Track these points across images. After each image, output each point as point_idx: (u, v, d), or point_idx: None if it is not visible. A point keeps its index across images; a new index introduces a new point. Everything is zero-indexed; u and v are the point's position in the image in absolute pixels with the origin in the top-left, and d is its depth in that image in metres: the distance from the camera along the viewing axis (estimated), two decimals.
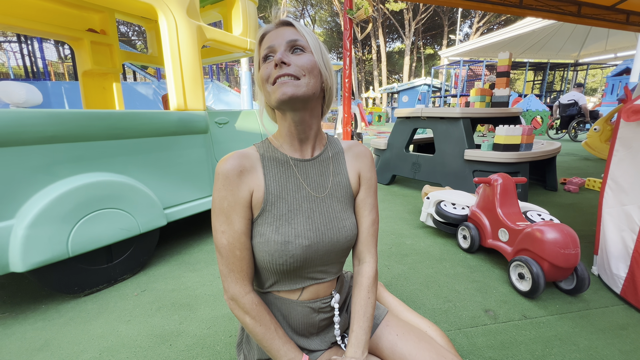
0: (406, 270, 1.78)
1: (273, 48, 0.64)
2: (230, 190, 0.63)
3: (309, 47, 0.65)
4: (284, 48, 0.63)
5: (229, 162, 0.64)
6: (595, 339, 1.22)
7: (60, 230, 1.40)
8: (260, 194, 0.67)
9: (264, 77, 0.65)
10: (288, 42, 0.63)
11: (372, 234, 0.76)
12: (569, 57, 13.57)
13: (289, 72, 0.61)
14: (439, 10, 24.35)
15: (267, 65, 0.65)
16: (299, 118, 0.67)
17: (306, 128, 0.70)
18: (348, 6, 4.01)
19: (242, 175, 0.65)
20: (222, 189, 0.64)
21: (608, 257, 1.55)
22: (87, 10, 2.29)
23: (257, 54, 0.67)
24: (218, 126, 2.26)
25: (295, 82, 0.61)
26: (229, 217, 0.63)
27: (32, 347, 1.22)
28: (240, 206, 0.64)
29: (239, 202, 0.64)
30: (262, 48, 0.66)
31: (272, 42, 0.64)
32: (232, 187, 0.64)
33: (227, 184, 0.63)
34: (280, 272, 0.68)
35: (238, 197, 0.64)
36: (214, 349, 1.19)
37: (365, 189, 0.77)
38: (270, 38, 0.65)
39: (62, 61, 14.59)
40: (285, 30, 0.65)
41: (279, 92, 0.61)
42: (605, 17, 4.23)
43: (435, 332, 0.88)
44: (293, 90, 0.61)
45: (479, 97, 3.41)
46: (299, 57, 0.63)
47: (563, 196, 3.25)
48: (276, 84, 0.62)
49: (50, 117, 1.37)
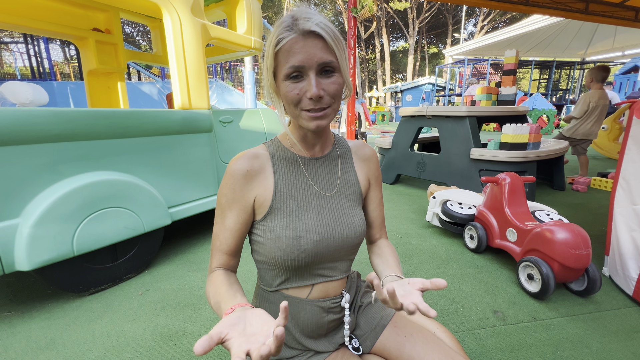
0: (412, 270, 1.76)
1: (302, 69, 0.56)
2: (232, 189, 0.65)
3: (339, 65, 0.59)
4: (315, 72, 0.56)
5: (238, 163, 0.66)
6: (608, 342, 1.19)
7: (65, 229, 1.40)
8: (267, 194, 0.67)
9: (292, 100, 0.59)
10: (320, 64, 0.57)
11: (382, 220, 0.84)
12: (575, 55, 13.39)
13: (323, 105, 0.59)
14: (443, 8, 24.20)
15: (294, 86, 0.58)
16: (319, 132, 0.69)
17: (322, 135, 0.72)
18: (352, 4, 3.99)
19: (247, 178, 0.66)
20: (226, 186, 0.66)
21: (620, 258, 1.51)
22: (92, 9, 2.29)
23: (273, 63, 0.59)
24: (222, 125, 2.25)
25: (326, 113, 0.61)
26: (224, 212, 0.67)
27: (38, 346, 1.22)
28: (236, 206, 0.66)
29: (236, 201, 0.66)
30: (284, 60, 0.57)
31: (300, 60, 0.56)
32: (234, 187, 0.65)
33: (231, 183, 0.65)
34: (291, 268, 0.67)
35: (237, 198, 0.66)
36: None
37: (375, 187, 0.81)
38: (296, 52, 0.56)
39: (67, 62, 14.72)
40: (314, 45, 0.56)
41: (312, 124, 0.61)
42: (613, 14, 4.16)
43: (444, 334, 0.86)
44: (326, 122, 0.62)
45: (485, 95, 3.38)
46: (330, 81, 0.59)
47: (571, 196, 3.20)
48: (310, 115, 0.60)
49: (55, 116, 1.37)
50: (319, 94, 0.57)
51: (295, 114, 0.62)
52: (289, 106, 0.62)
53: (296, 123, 0.69)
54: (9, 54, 13.04)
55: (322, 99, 0.58)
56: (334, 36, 0.58)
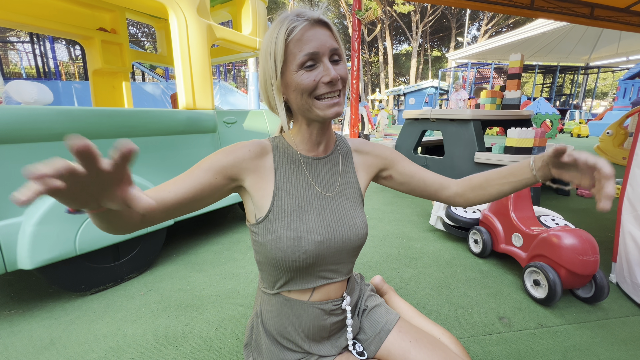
0: (416, 274, 1.74)
1: (317, 56, 0.57)
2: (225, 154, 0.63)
3: (343, 53, 0.62)
4: (327, 58, 0.58)
5: (242, 143, 0.66)
6: (617, 350, 1.17)
7: (68, 228, 1.39)
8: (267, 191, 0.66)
9: (308, 88, 0.58)
10: (331, 50, 0.58)
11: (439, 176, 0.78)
12: (579, 60, 13.37)
13: (339, 88, 0.60)
14: (446, 12, 24.25)
15: (310, 74, 0.58)
16: (327, 126, 0.69)
17: (326, 132, 0.71)
18: (357, 7, 4.00)
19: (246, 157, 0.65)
20: (221, 150, 0.64)
21: (628, 264, 1.49)
22: (98, 9, 2.30)
23: (283, 54, 0.57)
24: (226, 125, 2.25)
25: (340, 100, 0.62)
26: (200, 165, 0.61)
27: (39, 345, 1.21)
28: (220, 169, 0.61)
29: (222, 166, 0.62)
30: (297, 49, 0.57)
31: (314, 47, 0.57)
32: (228, 157, 0.63)
33: (229, 150, 0.64)
34: (292, 269, 0.66)
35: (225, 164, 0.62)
36: (221, 352, 1.17)
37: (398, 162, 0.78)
38: (309, 40, 0.57)
39: (72, 61, 14.84)
40: (323, 33, 0.58)
41: (330, 112, 0.61)
42: (618, 19, 4.14)
43: (449, 340, 0.84)
44: (341, 109, 0.62)
45: (490, 99, 3.36)
46: (339, 67, 0.60)
47: (576, 201, 3.17)
48: (326, 102, 0.60)
49: (60, 114, 1.37)
50: (338, 77, 0.58)
51: (308, 105, 0.61)
52: (301, 97, 0.60)
53: (301, 123, 0.68)
54: (15, 53, 13.14)
55: (338, 82, 0.60)
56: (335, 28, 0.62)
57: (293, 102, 0.63)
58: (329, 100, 0.60)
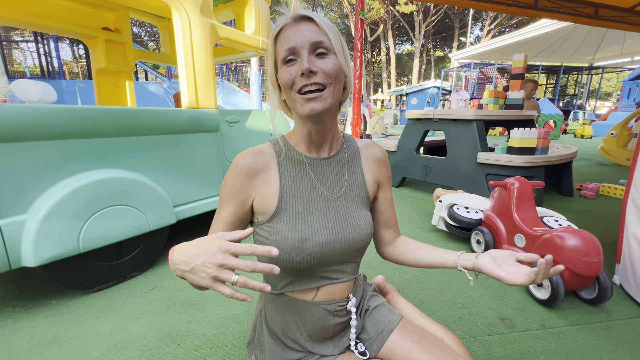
0: (418, 274, 1.74)
1: (295, 50, 0.59)
2: (233, 183, 0.66)
3: (333, 47, 0.61)
4: (307, 51, 0.58)
5: (242, 159, 0.66)
6: (620, 352, 1.16)
7: (72, 226, 1.40)
8: (273, 195, 0.66)
9: (287, 82, 0.60)
10: (312, 44, 0.59)
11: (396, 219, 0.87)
12: (583, 60, 13.28)
13: (316, 80, 0.58)
14: (449, 12, 24.16)
15: (289, 69, 0.60)
16: (321, 126, 0.67)
17: (326, 133, 0.69)
18: (360, 7, 3.99)
19: (250, 175, 0.66)
20: (228, 180, 0.67)
21: (632, 266, 1.48)
22: (102, 9, 2.31)
23: (273, 52, 0.63)
24: (229, 125, 2.25)
25: (322, 95, 0.60)
26: (222, 204, 0.67)
27: (42, 342, 1.22)
28: (234, 199, 0.66)
29: (235, 196, 0.66)
30: (280, 47, 0.60)
31: (293, 42, 0.58)
32: (236, 181, 0.66)
33: (233, 177, 0.66)
34: (296, 270, 0.66)
35: (236, 192, 0.66)
36: (223, 350, 1.17)
37: (386, 187, 0.81)
38: (290, 36, 0.59)
39: (76, 61, 14.91)
40: (306, 28, 0.59)
41: (307, 107, 0.60)
42: (623, 20, 4.12)
43: (452, 340, 0.84)
44: (322, 106, 0.60)
45: (493, 99, 3.35)
46: (324, 61, 0.59)
47: (579, 202, 3.15)
48: (304, 97, 0.59)
49: (64, 113, 1.38)
50: (309, 68, 0.57)
51: (292, 101, 0.62)
52: (287, 93, 0.62)
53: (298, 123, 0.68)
54: (19, 53, 13.23)
55: (315, 75, 0.58)
56: (327, 23, 0.62)
57: (286, 99, 0.64)
58: (306, 95, 0.59)
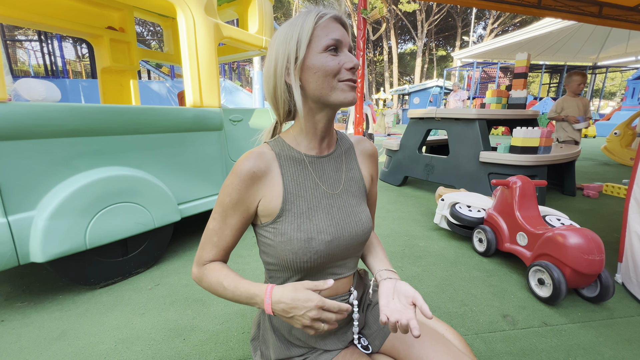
0: (420, 272, 1.75)
1: (341, 44, 0.63)
2: (238, 190, 0.65)
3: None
4: (347, 50, 0.64)
5: (245, 164, 0.65)
6: (622, 350, 1.17)
7: (78, 223, 1.42)
8: (277, 197, 0.67)
9: (332, 69, 0.61)
10: (349, 45, 0.65)
11: (374, 215, 0.90)
12: (587, 59, 13.17)
13: (355, 77, 0.65)
14: (452, 11, 24.07)
15: (336, 58, 0.62)
16: (332, 118, 0.70)
17: (331, 126, 0.72)
18: (362, 6, 3.99)
19: (254, 180, 0.65)
20: (231, 186, 0.65)
21: (634, 265, 1.48)
22: (107, 8, 2.33)
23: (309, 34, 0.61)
24: (232, 124, 2.27)
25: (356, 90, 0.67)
26: (226, 211, 0.67)
27: (50, 337, 1.24)
28: (240, 207, 0.66)
29: (241, 203, 0.66)
30: (324, 33, 0.61)
31: (340, 36, 0.63)
32: (240, 187, 0.65)
33: (237, 183, 0.65)
34: (303, 269, 0.67)
35: (242, 199, 0.66)
36: (227, 345, 1.19)
37: (375, 182, 0.85)
38: (334, 29, 0.63)
39: (80, 60, 14.98)
40: (343, 30, 0.65)
41: (349, 95, 0.64)
42: (627, 18, 4.09)
43: (453, 336, 0.85)
44: (355, 97, 0.66)
45: (495, 98, 3.34)
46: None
47: (582, 201, 3.15)
48: (344, 84, 0.63)
49: (71, 111, 1.40)
50: (359, 64, 0.63)
51: (330, 87, 0.63)
52: (324, 79, 0.62)
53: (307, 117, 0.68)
54: (24, 52, 13.31)
55: (356, 73, 0.65)
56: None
57: (311, 85, 0.63)
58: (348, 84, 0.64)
